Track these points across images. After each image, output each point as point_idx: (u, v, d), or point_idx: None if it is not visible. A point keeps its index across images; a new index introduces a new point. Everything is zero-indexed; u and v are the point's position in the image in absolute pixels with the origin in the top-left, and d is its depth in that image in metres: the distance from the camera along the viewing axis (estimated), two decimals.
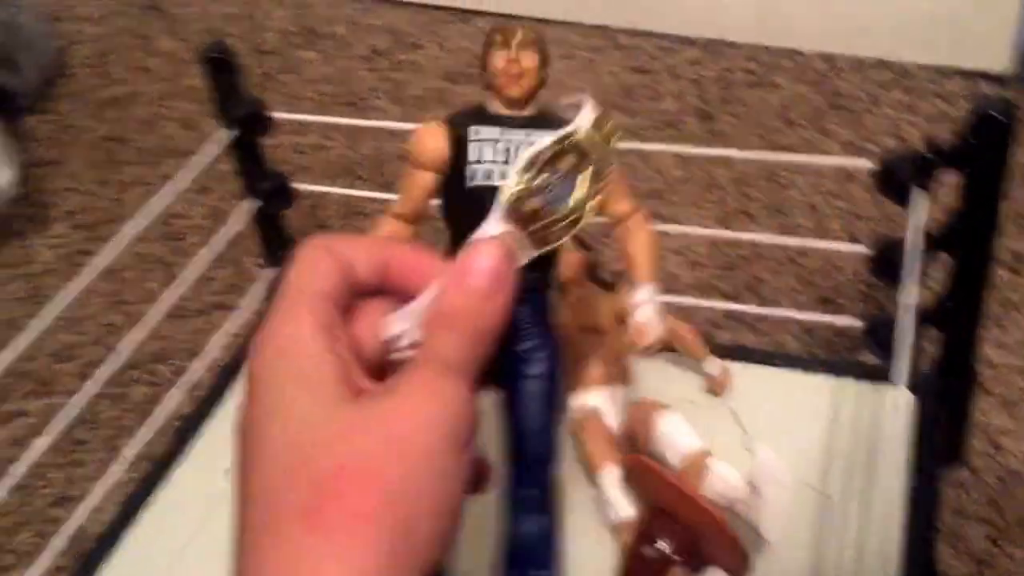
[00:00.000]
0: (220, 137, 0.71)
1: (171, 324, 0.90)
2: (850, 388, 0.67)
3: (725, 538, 0.48)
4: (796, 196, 0.99)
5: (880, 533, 0.58)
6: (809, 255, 0.91)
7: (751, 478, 0.51)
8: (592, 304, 0.63)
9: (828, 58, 1.17)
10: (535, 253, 0.34)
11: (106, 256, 0.64)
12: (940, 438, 0.64)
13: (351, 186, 1.05)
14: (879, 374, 0.68)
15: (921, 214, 0.58)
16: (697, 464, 0.55)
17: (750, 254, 0.92)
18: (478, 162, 0.42)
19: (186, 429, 0.72)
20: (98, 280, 0.74)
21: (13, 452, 0.80)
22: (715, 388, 0.66)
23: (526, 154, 0.33)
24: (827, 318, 0.72)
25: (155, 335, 0.86)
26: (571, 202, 0.34)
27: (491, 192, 0.33)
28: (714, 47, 1.22)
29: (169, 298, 0.71)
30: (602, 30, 1.26)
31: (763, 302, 0.87)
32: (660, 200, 1.00)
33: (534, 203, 0.33)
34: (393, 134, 1.12)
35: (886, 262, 0.61)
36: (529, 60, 0.44)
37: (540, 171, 0.33)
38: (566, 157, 0.34)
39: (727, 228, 0.96)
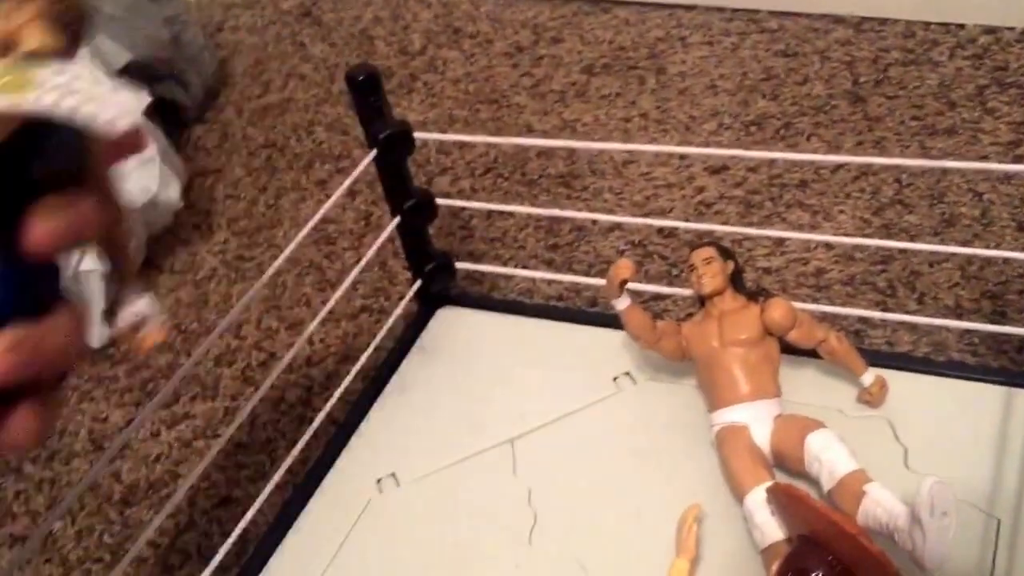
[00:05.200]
0: (367, 154, 0.73)
1: (322, 328, 0.93)
2: (1012, 397, 0.63)
3: (885, 572, 0.46)
4: (958, 181, 0.94)
5: None
6: (974, 245, 0.86)
7: (914, 507, 0.48)
8: (737, 316, 0.62)
9: (991, 30, 1.11)
10: None
11: (272, 267, 0.67)
12: None
13: (494, 184, 1.06)
14: None
15: None
16: (852, 488, 0.53)
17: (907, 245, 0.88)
18: None
19: (337, 437, 0.74)
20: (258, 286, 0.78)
21: (182, 454, 0.85)
22: (870, 400, 0.63)
23: None
24: (995, 328, 0.68)
25: (308, 339, 0.90)
26: None
27: None
28: (866, 25, 1.17)
29: (323, 306, 0.74)
30: (746, 13, 1.23)
31: (921, 299, 0.83)
32: (808, 190, 0.97)
33: None
34: (532, 130, 1.13)
35: None
36: None
37: None
38: None
39: (881, 219, 0.91)
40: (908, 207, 0.92)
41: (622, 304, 0.63)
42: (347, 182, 0.73)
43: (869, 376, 0.63)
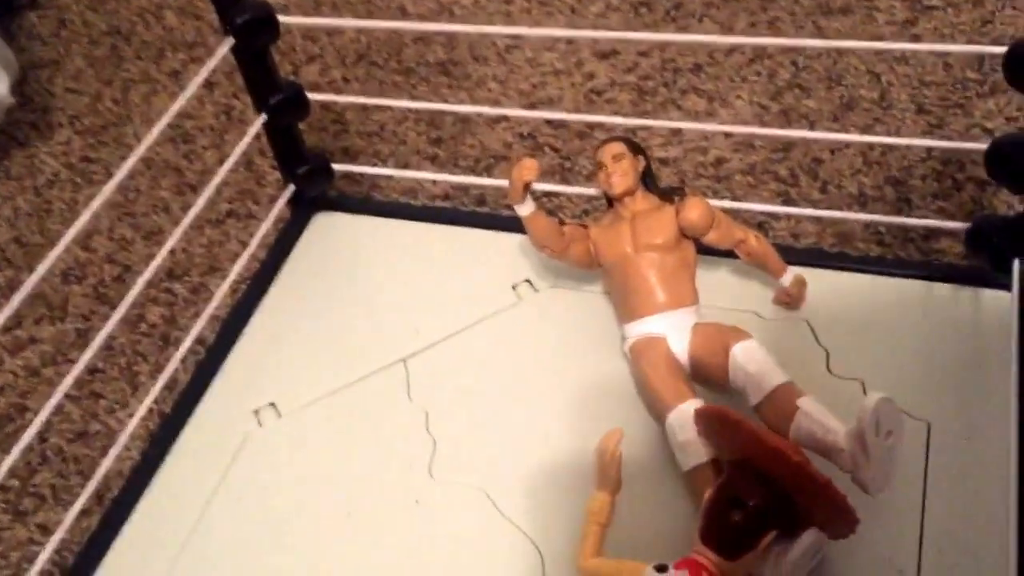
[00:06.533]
0: (224, 41, 0.64)
1: (184, 237, 0.84)
2: (941, 293, 0.61)
3: (832, 502, 0.42)
4: (855, 63, 0.90)
5: (989, 460, 0.53)
6: (875, 130, 0.83)
7: (857, 426, 0.44)
8: (651, 218, 0.56)
9: None
10: None
11: (122, 168, 0.58)
12: None
13: (367, 73, 0.98)
14: (972, 275, 0.62)
15: None
16: (783, 403, 0.49)
17: (807, 130, 0.84)
18: None
19: (208, 362, 0.67)
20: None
21: (30, 383, 0.76)
22: (789, 301, 0.59)
23: None
24: (901, 220, 0.65)
25: (169, 249, 0.82)
26: None
27: None
28: None
29: (183, 212, 0.66)
30: None
31: (824, 187, 0.79)
32: (702, 74, 0.92)
33: None
34: (407, 13, 1.04)
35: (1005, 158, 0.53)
36: None
37: None
38: None
39: (779, 104, 0.87)
40: (806, 91, 0.88)
41: (526, 210, 0.57)
42: (202, 72, 0.64)
43: (788, 276, 0.59)
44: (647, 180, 0.59)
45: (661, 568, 0.45)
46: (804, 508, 0.44)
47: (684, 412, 0.51)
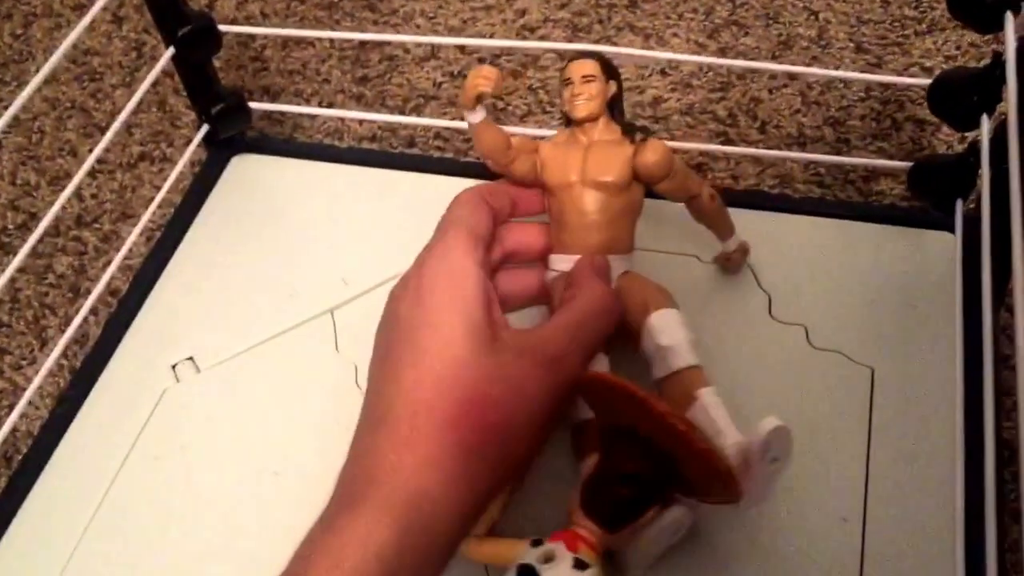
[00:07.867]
0: None
1: (93, 181, 0.80)
2: (883, 235, 0.59)
3: (716, 472, 0.39)
4: (792, 0, 0.88)
5: (934, 404, 0.52)
6: (813, 68, 0.81)
7: (748, 445, 0.41)
8: (606, 152, 0.52)
9: None
10: None
11: (13, 105, 0.53)
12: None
13: (287, 7, 0.93)
14: (914, 216, 0.60)
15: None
16: (684, 386, 0.45)
17: (745, 70, 0.82)
18: None
19: (121, 313, 0.63)
20: (7, 132, 0.64)
21: None
22: (728, 265, 0.57)
23: None
24: (860, 161, 0.63)
25: (76, 194, 0.78)
26: None
27: None
28: None
29: (90, 154, 0.61)
30: None
31: (763, 128, 0.77)
32: (638, 11, 0.89)
33: None
34: None
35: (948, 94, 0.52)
36: None
37: None
38: None
39: (716, 42, 0.85)
40: (743, 28, 0.86)
41: (476, 117, 0.52)
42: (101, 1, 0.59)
43: (732, 242, 0.56)
44: (614, 109, 0.54)
45: (536, 542, 0.43)
46: (689, 478, 0.42)
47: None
